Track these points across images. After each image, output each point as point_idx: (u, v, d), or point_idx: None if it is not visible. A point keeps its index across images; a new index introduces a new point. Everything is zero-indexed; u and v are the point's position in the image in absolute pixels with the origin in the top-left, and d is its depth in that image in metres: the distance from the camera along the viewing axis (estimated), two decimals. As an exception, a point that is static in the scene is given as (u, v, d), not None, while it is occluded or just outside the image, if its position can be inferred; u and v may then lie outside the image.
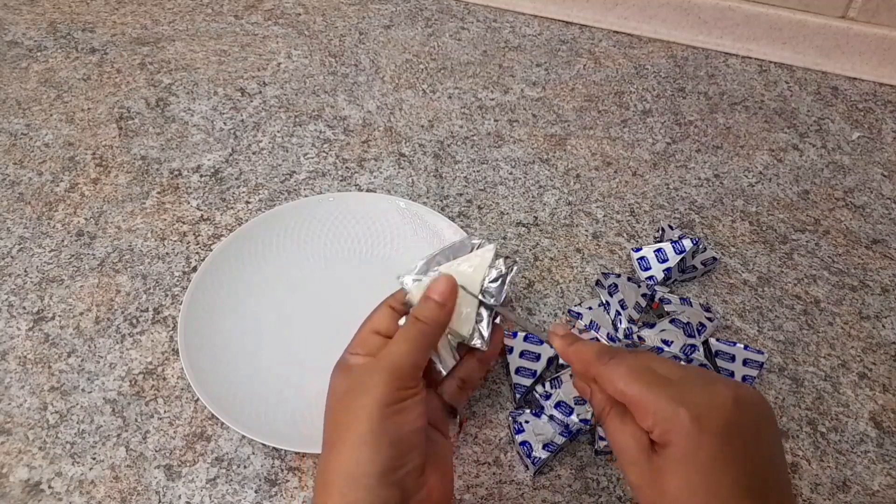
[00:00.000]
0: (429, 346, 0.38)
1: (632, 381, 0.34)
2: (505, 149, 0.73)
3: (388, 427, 0.34)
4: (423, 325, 0.38)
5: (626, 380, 0.34)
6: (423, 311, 0.39)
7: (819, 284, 0.62)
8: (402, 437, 0.35)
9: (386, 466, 0.34)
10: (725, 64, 0.85)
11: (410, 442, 0.35)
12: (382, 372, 0.36)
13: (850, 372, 0.56)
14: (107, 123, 0.73)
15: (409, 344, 0.37)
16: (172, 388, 0.52)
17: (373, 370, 0.36)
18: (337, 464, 0.34)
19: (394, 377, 0.36)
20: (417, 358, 0.37)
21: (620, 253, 0.63)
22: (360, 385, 0.36)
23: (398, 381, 0.36)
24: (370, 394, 0.35)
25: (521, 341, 0.54)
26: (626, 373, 0.34)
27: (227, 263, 0.58)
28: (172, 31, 0.85)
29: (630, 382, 0.34)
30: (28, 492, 0.47)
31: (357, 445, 0.34)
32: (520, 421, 0.50)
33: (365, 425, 0.34)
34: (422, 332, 0.38)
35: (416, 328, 0.38)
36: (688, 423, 0.31)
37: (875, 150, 0.75)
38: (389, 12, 0.90)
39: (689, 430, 0.31)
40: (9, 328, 0.56)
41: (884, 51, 0.81)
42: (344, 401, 0.36)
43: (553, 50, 0.86)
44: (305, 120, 0.75)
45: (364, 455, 0.34)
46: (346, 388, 0.37)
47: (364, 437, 0.34)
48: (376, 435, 0.34)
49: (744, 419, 0.32)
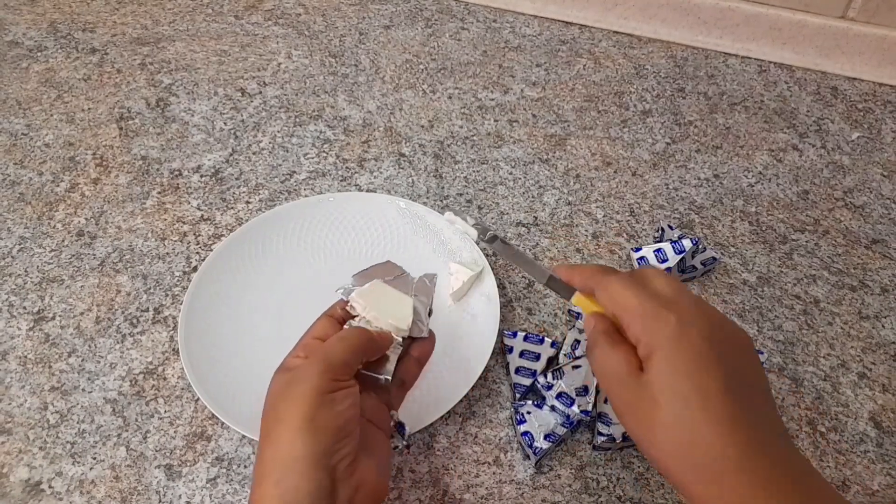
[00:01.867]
0: (360, 350, 0.40)
1: (625, 289, 0.35)
2: (505, 149, 0.73)
3: (323, 413, 0.36)
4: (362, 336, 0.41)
5: (621, 288, 0.36)
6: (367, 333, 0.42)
7: (819, 284, 0.62)
8: (336, 424, 0.36)
9: (319, 451, 0.35)
10: (725, 64, 0.85)
11: (343, 430, 0.36)
12: (318, 364, 0.38)
13: (849, 372, 0.56)
14: (107, 123, 0.73)
15: (343, 343, 0.40)
16: (173, 388, 0.52)
17: (308, 365, 0.38)
18: (272, 451, 0.35)
19: (327, 369, 0.37)
20: (349, 357, 0.39)
21: (620, 253, 0.63)
22: (296, 378, 0.38)
23: (331, 373, 0.37)
24: (306, 383, 0.37)
25: (521, 341, 0.54)
26: (622, 283, 0.36)
27: (227, 263, 0.58)
28: (173, 32, 0.85)
29: (623, 290, 0.36)
30: (28, 491, 0.47)
31: (293, 430, 0.35)
32: (521, 412, 0.50)
33: (301, 411, 0.36)
34: (359, 338, 0.41)
35: (354, 334, 0.41)
36: (674, 325, 0.33)
37: (875, 150, 0.75)
38: (389, 12, 0.90)
39: (675, 332, 0.33)
40: (9, 328, 0.56)
41: (884, 51, 0.81)
42: (282, 394, 0.38)
43: (553, 50, 0.86)
44: (306, 120, 0.75)
45: (299, 439, 0.35)
46: (283, 383, 0.38)
47: (300, 423, 0.35)
48: (311, 420, 0.35)
49: (728, 331, 0.34)
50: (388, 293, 0.45)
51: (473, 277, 0.57)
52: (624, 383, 0.34)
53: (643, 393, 0.33)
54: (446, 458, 0.49)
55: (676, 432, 0.31)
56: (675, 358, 0.32)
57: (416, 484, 0.48)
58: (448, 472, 0.49)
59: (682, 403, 0.31)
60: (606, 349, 0.36)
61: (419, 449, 0.50)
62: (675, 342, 0.33)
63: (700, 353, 0.32)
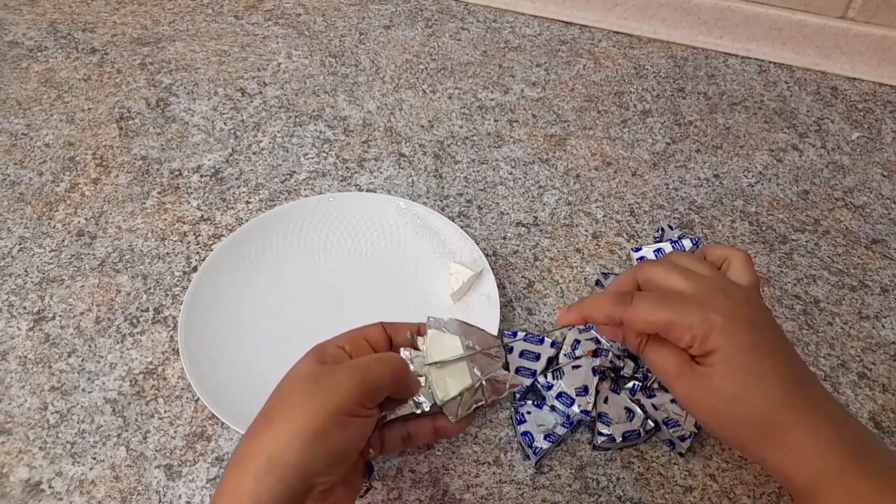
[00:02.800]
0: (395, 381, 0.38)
1: (658, 311, 0.37)
2: (505, 149, 0.73)
3: (333, 434, 0.34)
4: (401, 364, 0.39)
5: (653, 312, 0.37)
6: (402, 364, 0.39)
7: (819, 284, 0.62)
8: (340, 448, 0.34)
9: (313, 469, 0.33)
10: (725, 64, 0.85)
11: (342, 455, 0.35)
12: (355, 377, 0.35)
13: (849, 372, 0.56)
14: (107, 123, 0.73)
15: (382, 366, 0.37)
16: (173, 388, 0.52)
17: (346, 371, 0.36)
18: (265, 441, 0.34)
19: (361, 390, 0.35)
20: (383, 384, 0.37)
21: (620, 253, 0.63)
22: (328, 378, 0.35)
23: (363, 395, 0.35)
24: (333, 395, 0.34)
25: (521, 341, 0.54)
26: (650, 307, 0.38)
27: (227, 263, 0.58)
28: (173, 32, 0.85)
29: (656, 312, 0.37)
30: (28, 492, 0.47)
31: (296, 434, 0.33)
32: (521, 412, 0.50)
33: (312, 421, 0.34)
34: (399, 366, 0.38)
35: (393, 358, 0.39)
36: (722, 323, 0.36)
37: (875, 150, 0.75)
38: (389, 12, 0.90)
39: (724, 328, 0.36)
40: (9, 328, 0.56)
41: (883, 51, 0.81)
42: (304, 384, 0.36)
43: (553, 50, 0.86)
44: (306, 120, 0.75)
45: (297, 447, 0.33)
46: (313, 372, 0.36)
47: (305, 432, 0.33)
48: (318, 436, 0.33)
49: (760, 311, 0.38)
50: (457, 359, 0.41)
51: (473, 277, 0.57)
52: (681, 376, 0.37)
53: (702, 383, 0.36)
54: (446, 458, 0.49)
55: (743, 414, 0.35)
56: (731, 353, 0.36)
57: (416, 484, 0.48)
58: (448, 472, 0.49)
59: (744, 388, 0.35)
60: (656, 348, 0.39)
61: (419, 449, 0.50)
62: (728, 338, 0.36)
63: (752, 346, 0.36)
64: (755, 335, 0.36)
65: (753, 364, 0.36)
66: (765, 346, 0.36)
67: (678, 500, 0.48)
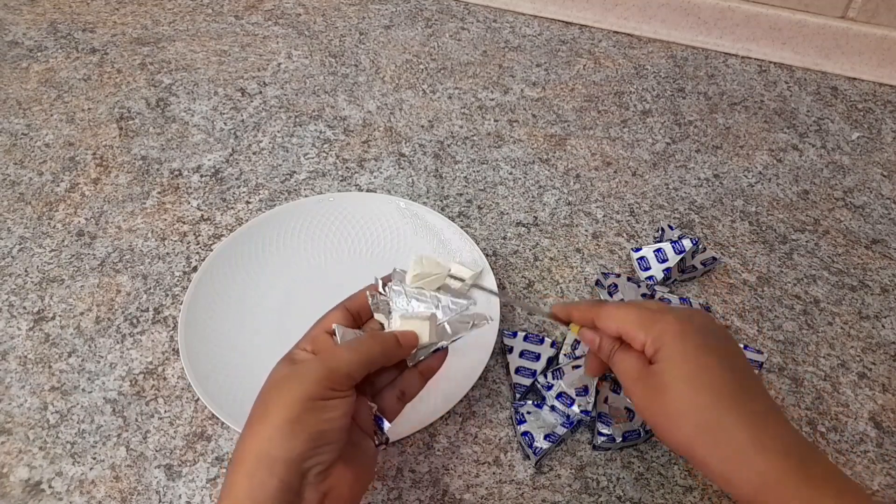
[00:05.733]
0: (369, 365, 0.40)
1: (623, 311, 0.41)
2: (505, 149, 0.73)
3: (308, 419, 0.36)
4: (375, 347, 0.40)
5: (619, 311, 0.41)
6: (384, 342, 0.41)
7: (819, 284, 0.62)
8: (320, 431, 0.36)
9: (294, 455, 0.35)
10: (725, 64, 0.85)
11: (327, 438, 0.36)
12: (320, 369, 0.37)
13: (849, 372, 0.56)
14: (107, 123, 0.73)
15: (353, 354, 0.39)
16: (172, 388, 0.52)
17: (312, 364, 0.38)
18: (252, 442, 0.36)
19: (328, 376, 0.37)
20: (354, 370, 0.38)
21: (620, 253, 0.63)
22: (295, 374, 0.38)
23: (330, 381, 0.37)
24: (301, 384, 0.37)
25: (521, 341, 0.54)
26: (618, 307, 0.42)
27: (227, 263, 0.58)
28: (173, 32, 0.85)
29: (622, 312, 0.41)
30: (28, 492, 0.47)
31: (274, 428, 0.36)
32: (522, 412, 0.50)
33: (287, 412, 0.36)
34: (371, 351, 0.40)
35: (367, 346, 0.40)
36: (674, 323, 0.38)
37: (875, 150, 0.75)
38: (389, 12, 0.90)
39: (676, 328, 0.38)
40: (9, 328, 0.56)
41: (883, 51, 0.81)
42: (276, 387, 0.38)
43: (553, 50, 0.86)
44: (306, 120, 0.75)
45: (277, 440, 0.35)
46: (283, 375, 0.38)
47: (281, 423, 0.36)
48: (294, 424, 0.35)
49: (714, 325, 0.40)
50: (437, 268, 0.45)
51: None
52: (638, 379, 0.39)
53: (654, 383, 0.38)
54: (446, 458, 0.49)
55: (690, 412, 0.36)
56: (680, 351, 0.37)
57: (416, 484, 0.48)
58: (448, 472, 0.49)
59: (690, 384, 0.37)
60: (621, 355, 0.41)
61: (419, 449, 0.50)
62: (678, 338, 0.38)
63: (700, 346, 0.38)
64: (707, 338, 0.38)
65: (701, 361, 0.37)
66: (714, 348, 0.38)
67: (678, 500, 0.48)
